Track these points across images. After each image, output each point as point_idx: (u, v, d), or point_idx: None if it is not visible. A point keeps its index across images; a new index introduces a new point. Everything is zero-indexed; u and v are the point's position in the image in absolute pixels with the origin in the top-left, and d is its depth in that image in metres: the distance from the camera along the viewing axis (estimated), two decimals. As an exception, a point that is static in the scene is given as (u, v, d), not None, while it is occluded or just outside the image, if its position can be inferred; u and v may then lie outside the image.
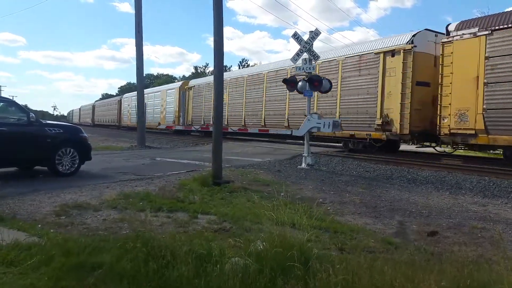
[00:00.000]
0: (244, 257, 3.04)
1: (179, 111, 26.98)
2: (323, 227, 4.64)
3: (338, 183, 8.27)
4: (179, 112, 26.98)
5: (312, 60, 10.69)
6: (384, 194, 7.25)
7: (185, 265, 2.90)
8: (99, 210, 5.20)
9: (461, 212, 6.00)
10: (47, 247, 3.36)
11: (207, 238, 3.84)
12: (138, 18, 17.61)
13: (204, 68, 76.46)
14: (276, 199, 5.80)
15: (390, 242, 4.25)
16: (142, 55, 17.96)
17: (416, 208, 6.15)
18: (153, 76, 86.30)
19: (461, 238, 4.59)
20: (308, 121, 10.57)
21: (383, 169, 10.19)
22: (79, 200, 5.68)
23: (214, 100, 8.00)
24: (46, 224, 4.44)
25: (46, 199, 5.72)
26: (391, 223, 5.29)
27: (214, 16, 7.76)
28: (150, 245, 3.20)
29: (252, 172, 9.24)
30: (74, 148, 8.06)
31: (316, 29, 10.92)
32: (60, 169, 7.85)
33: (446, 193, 7.57)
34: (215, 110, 7.95)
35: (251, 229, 4.39)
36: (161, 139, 23.16)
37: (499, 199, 7.03)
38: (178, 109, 27.15)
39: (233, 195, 6.41)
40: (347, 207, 6.09)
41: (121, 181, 7.47)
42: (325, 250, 3.78)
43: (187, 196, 6.15)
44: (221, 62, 7.97)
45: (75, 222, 4.61)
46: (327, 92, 11.76)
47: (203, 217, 5.01)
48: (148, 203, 5.55)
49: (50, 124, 8.22)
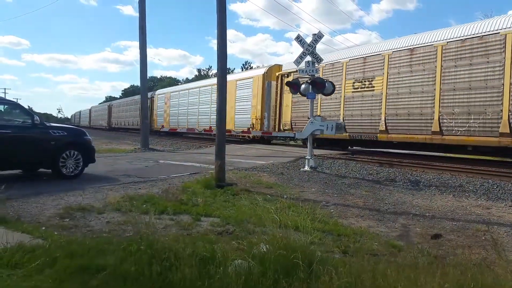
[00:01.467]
0: (247, 259, 3.04)
1: (263, 109, 19.23)
2: (326, 230, 4.64)
3: (341, 186, 8.26)
4: (263, 112, 19.21)
5: (315, 63, 10.71)
6: (388, 197, 7.23)
7: (188, 268, 2.91)
8: (103, 212, 5.22)
9: (465, 215, 5.98)
10: (51, 249, 3.38)
11: (210, 240, 3.85)
12: (142, 22, 17.70)
13: (207, 71, 76.68)
14: (279, 201, 5.84)
15: (394, 245, 4.24)
16: (146, 58, 18.05)
17: (419, 211, 6.13)
18: (157, 79, 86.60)
19: (465, 241, 4.57)
20: (311, 123, 10.57)
21: (387, 171, 10.16)
22: (83, 202, 5.71)
23: (217, 105, 7.99)
24: (50, 226, 4.46)
25: (50, 202, 5.75)
26: (394, 226, 5.28)
27: (217, 20, 7.80)
28: (153, 247, 3.21)
29: (255, 174, 9.25)
30: (78, 150, 8.09)
31: (319, 31, 10.94)
32: (64, 171, 7.88)
33: (449, 195, 7.54)
34: (218, 113, 7.97)
35: (254, 231, 4.39)
36: (165, 141, 23.22)
37: (503, 201, 6.99)
38: (261, 107, 19.29)
39: (236, 197, 6.42)
40: (350, 210, 6.08)
41: (125, 184, 7.49)
42: (328, 253, 3.78)
43: (190, 198, 6.17)
44: (224, 64, 8.00)
45: (79, 224, 4.63)
46: (330, 95, 11.77)
47: (206, 220, 5.02)
48: (151, 205, 5.56)
49: (54, 127, 8.26)
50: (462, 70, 10.98)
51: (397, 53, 12.77)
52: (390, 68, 12.88)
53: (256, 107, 19.48)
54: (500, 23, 10.37)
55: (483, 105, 10.55)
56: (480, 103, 10.62)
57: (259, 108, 19.23)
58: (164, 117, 31.13)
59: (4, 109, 8.13)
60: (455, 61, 11.16)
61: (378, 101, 13.35)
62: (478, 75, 10.63)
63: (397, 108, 12.71)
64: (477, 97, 10.66)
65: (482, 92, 10.55)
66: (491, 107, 10.37)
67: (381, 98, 13.19)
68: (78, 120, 74.99)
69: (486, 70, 10.46)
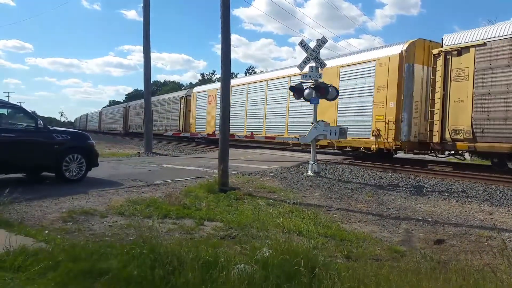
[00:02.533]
0: (250, 264, 3.05)
1: (398, 108, 12.13)
2: (329, 235, 4.63)
3: (344, 191, 8.25)
4: (398, 112, 12.14)
5: (319, 68, 10.74)
6: (391, 202, 7.21)
7: (191, 272, 2.91)
8: (106, 216, 5.24)
9: (468, 221, 5.96)
10: (54, 252, 3.39)
11: (213, 244, 3.85)
12: (146, 28, 17.82)
13: (211, 75, 77.03)
14: (282, 206, 5.85)
15: (396, 250, 4.23)
16: (150, 63, 18.18)
17: (422, 216, 6.11)
18: (160, 83, 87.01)
19: (468, 247, 4.55)
20: (315, 128, 10.58)
21: (390, 177, 10.14)
22: (86, 206, 5.73)
23: (221, 107, 8.02)
24: (53, 230, 4.48)
25: (53, 205, 5.78)
26: (397, 231, 5.26)
27: (221, 25, 7.86)
28: (156, 251, 3.22)
29: (258, 179, 9.25)
30: (81, 154, 8.13)
31: (323, 37, 10.97)
32: (67, 175, 7.91)
33: (452, 201, 7.51)
34: (222, 118, 7.99)
35: (258, 236, 4.39)
36: (168, 145, 23.27)
37: (506, 207, 6.96)
38: (395, 104, 12.15)
39: (239, 202, 6.42)
40: (353, 215, 6.07)
41: (128, 188, 7.51)
42: (331, 257, 3.77)
43: (193, 202, 6.18)
44: (228, 69, 8.04)
45: (82, 228, 4.65)
46: (333, 100, 11.76)
47: (209, 224, 5.03)
48: (154, 209, 5.58)
49: (57, 131, 8.31)
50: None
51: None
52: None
53: (386, 104, 12.46)
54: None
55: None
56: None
57: (393, 106, 12.23)
58: (207, 120, 23.96)
59: (8, 112, 8.18)
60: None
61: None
62: None
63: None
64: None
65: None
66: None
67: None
68: (84, 123, 68.09)
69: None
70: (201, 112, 25.23)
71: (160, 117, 32.64)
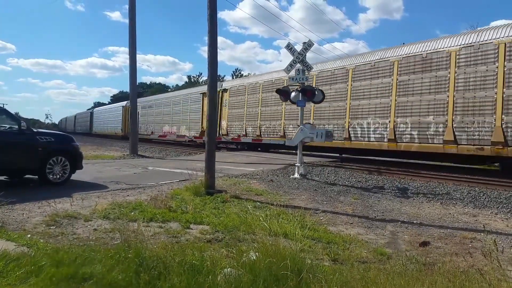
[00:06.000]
0: (237, 267, 3.03)
1: None
2: (316, 237, 4.64)
3: (331, 193, 8.30)
4: None
5: (306, 71, 10.81)
6: (376, 204, 7.28)
7: (177, 276, 2.88)
8: (90, 220, 5.14)
9: (452, 222, 6.05)
10: (36, 257, 3.31)
11: (199, 248, 3.81)
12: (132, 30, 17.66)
13: (197, 78, 76.68)
14: (269, 209, 5.84)
15: (382, 253, 4.26)
16: (136, 64, 18.03)
17: (407, 218, 6.18)
18: (146, 85, 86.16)
19: (452, 248, 4.62)
20: (301, 131, 10.63)
21: (375, 179, 10.25)
22: (69, 209, 5.61)
23: (208, 110, 7.99)
24: (36, 234, 4.38)
25: (36, 209, 5.64)
26: (383, 233, 5.31)
27: (208, 27, 7.83)
28: (142, 255, 3.18)
29: (245, 181, 9.23)
30: (65, 157, 7.99)
31: (309, 40, 11.07)
32: (51, 178, 7.76)
33: (437, 203, 7.63)
34: (209, 120, 7.96)
35: (244, 239, 4.37)
36: (154, 148, 23.04)
37: (489, 209, 7.11)
38: None
39: (226, 205, 6.39)
40: (339, 217, 6.11)
41: (113, 191, 7.40)
42: (318, 260, 3.78)
43: (179, 206, 6.12)
44: (215, 71, 8.01)
45: (65, 232, 4.55)
46: (320, 103, 11.85)
47: (195, 227, 4.98)
48: (140, 213, 5.50)
49: (41, 133, 8.14)
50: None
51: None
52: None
53: None
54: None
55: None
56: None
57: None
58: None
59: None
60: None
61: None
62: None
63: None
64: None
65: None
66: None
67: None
68: (72, 125, 62.85)
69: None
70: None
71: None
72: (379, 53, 13.55)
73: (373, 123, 13.22)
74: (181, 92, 30.29)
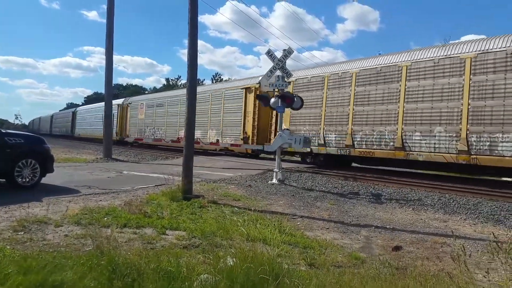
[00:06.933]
0: (213, 273, 3.00)
1: None
2: (293, 242, 4.67)
3: (308, 199, 8.37)
4: None
5: (285, 77, 10.91)
6: (351, 210, 7.40)
7: (152, 283, 2.82)
8: (60, 225, 4.96)
9: (424, 228, 6.23)
10: (2, 264, 3.16)
11: (175, 254, 3.75)
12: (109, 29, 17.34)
13: (176, 81, 75.95)
14: (247, 214, 5.83)
15: (357, 257, 4.33)
16: (112, 64, 17.67)
17: (381, 223, 6.32)
18: (122, 86, 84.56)
19: (424, 253, 4.75)
20: (280, 137, 10.70)
21: (351, 185, 10.43)
22: (39, 214, 5.40)
23: (187, 113, 7.88)
24: (2, 240, 4.19)
25: (3, 213, 5.40)
26: (357, 238, 5.40)
27: (189, 30, 7.78)
28: (115, 262, 3.09)
29: (223, 186, 9.18)
30: (35, 159, 7.70)
31: (289, 47, 11.20)
32: (20, 181, 7.46)
33: (409, 209, 7.84)
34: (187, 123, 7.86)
35: (222, 244, 4.34)
36: (129, 151, 22.58)
37: (459, 215, 7.36)
38: None
39: (203, 210, 6.33)
40: (316, 222, 6.17)
41: (85, 195, 7.19)
42: (295, 265, 3.80)
43: (155, 211, 6.01)
44: (194, 75, 7.95)
45: (34, 238, 4.37)
46: (299, 109, 11.98)
47: (171, 233, 4.90)
48: (113, 218, 5.36)
49: (10, 134, 7.81)
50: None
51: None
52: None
53: None
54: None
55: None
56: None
57: None
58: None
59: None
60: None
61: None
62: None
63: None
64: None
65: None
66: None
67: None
68: (47, 126, 55.86)
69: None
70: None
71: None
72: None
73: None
74: (210, 87, 23.15)
